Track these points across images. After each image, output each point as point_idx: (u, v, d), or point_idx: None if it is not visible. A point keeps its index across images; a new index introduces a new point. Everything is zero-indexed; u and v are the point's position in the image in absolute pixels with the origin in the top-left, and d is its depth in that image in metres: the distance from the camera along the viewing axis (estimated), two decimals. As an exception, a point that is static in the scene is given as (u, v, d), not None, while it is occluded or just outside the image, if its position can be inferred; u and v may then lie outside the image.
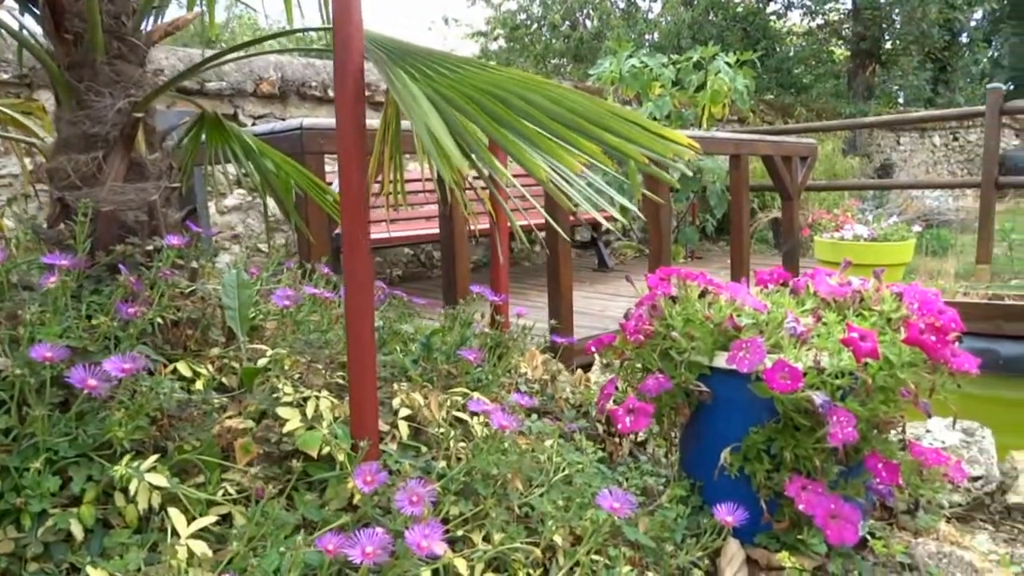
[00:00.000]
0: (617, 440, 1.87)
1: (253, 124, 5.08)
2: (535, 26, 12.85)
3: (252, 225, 5.38)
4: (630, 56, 6.96)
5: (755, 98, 9.72)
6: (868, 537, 1.63)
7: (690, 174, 6.20)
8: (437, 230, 4.03)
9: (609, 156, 1.10)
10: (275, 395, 1.40)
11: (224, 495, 1.22)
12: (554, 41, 12.49)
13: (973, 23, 16.97)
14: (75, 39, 1.58)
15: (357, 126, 1.22)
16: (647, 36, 11.51)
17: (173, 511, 1.10)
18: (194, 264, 1.74)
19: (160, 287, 1.47)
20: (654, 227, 4.09)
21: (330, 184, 2.55)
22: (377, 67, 1.20)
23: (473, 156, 1.02)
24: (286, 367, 1.50)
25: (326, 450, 1.26)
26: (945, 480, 1.56)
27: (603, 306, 4.74)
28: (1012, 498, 2.00)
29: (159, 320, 1.46)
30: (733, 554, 1.47)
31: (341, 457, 1.26)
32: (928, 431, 2.14)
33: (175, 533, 1.08)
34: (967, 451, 2.08)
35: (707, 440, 1.66)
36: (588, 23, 12.43)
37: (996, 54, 18.21)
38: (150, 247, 1.56)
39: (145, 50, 1.71)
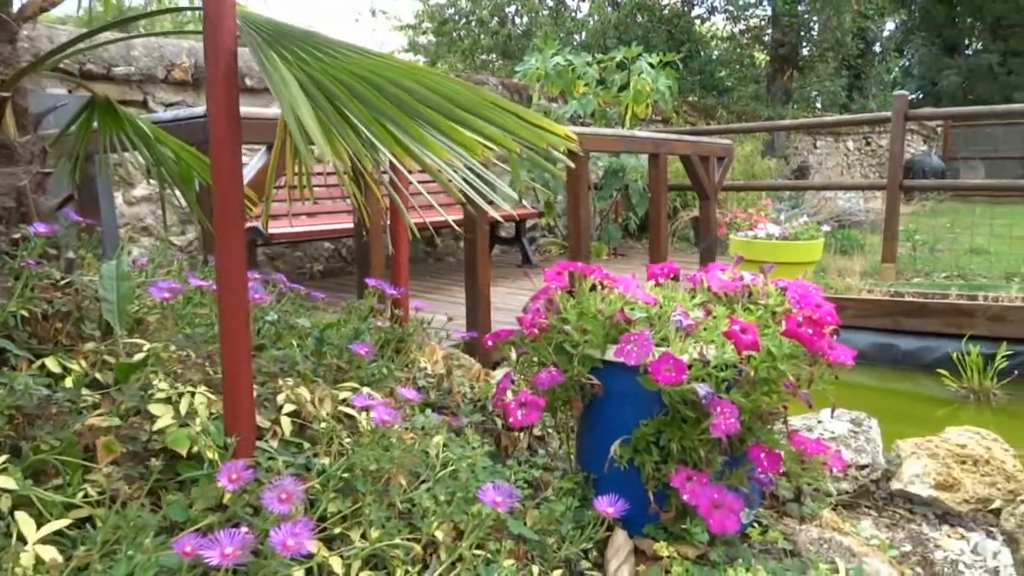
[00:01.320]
0: (516, 434, 1.87)
1: (165, 112, 4.89)
2: (463, 21, 12.81)
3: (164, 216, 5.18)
4: (555, 54, 7.00)
5: (679, 99, 9.91)
6: (756, 525, 1.66)
7: (572, 165, 6.29)
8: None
9: (486, 146, 1.09)
10: (150, 391, 1.34)
11: (85, 497, 1.16)
12: (483, 37, 12.48)
13: (886, 33, 17.74)
14: (-66, 12, 1.48)
15: (229, 112, 1.18)
16: (575, 35, 11.60)
17: (21, 515, 1.04)
18: (70, 254, 1.66)
19: (25, 278, 1.39)
20: (573, 224, 4.12)
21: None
22: (250, 50, 1.16)
23: (344, 144, 0.99)
24: (165, 362, 1.44)
25: (197, 448, 1.21)
26: (824, 468, 1.61)
27: (524, 302, 4.74)
28: (895, 485, 2.08)
29: (24, 313, 1.38)
30: (620, 545, 1.48)
31: (212, 455, 1.21)
32: (819, 421, 2.21)
33: (22, 538, 1.02)
34: (855, 440, 2.15)
35: (600, 433, 1.67)
36: (517, 20, 12.46)
37: (907, 63, 19.09)
38: (17, 235, 1.48)
39: (15, 27, 1.61)
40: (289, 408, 1.45)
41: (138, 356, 1.45)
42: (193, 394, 1.33)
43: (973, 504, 1.99)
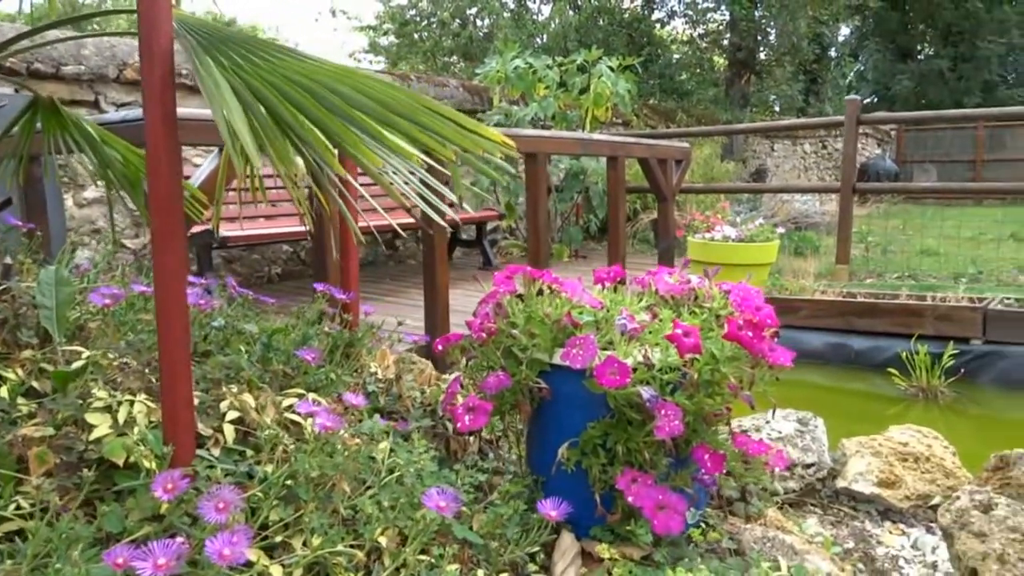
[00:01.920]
0: (465, 438, 1.87)
1: (117, 112, 4.80)
2: (425, 23, 12.77)
3: (116, 220, 5.08)
4: (516, 57, 7.02)
5: (639, 102, 10.01)
6: (702, 525, 1.69)
7: (511, 169, 6.32)
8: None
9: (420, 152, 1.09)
10: (88, 400, 1.32)
11: (17, 509, 1.14)
12: (444, 39, 12.45)
13: (841, 39, 18.12)
14: None
15: (166, 115, 1.16)
16: (536, 38, 11.64)
17: (-56, 529, 1.01)
18: (7, 259, 1.62)
19: (-44, 285, 1.36)
20: (532, 226, 4.13)
21: (187, 178, 2.44)
22: (185, 54, 1.15)
23: (271, 150, 0.98)
24: (105, 370, 1.41)
25: (133, 458, 1.19)
26: (767, 468, 1.64)
27: (482, 304, 4.74)
28: (840, 483, 2.13)
29: (-47, 321, 1.35)
30: (566, 548, 1.49)
31: (150, 464, 1.19)
32: (767, 422, 2.25)
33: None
34: (801, 440, 2.19)
35: (548, 436, 1.68)
36: (479, 22, 12.47)
37: (862, 68, 19.52)
38: (-53, 241, 1.44)
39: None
40: (233, 415, 1.43)
41: (77, 364, 1.42)
42: (132, 402, 1.31)
43: (914, 500, 2.04)
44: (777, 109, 14.54)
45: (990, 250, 6.89)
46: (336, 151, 1.16)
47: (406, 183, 1.23)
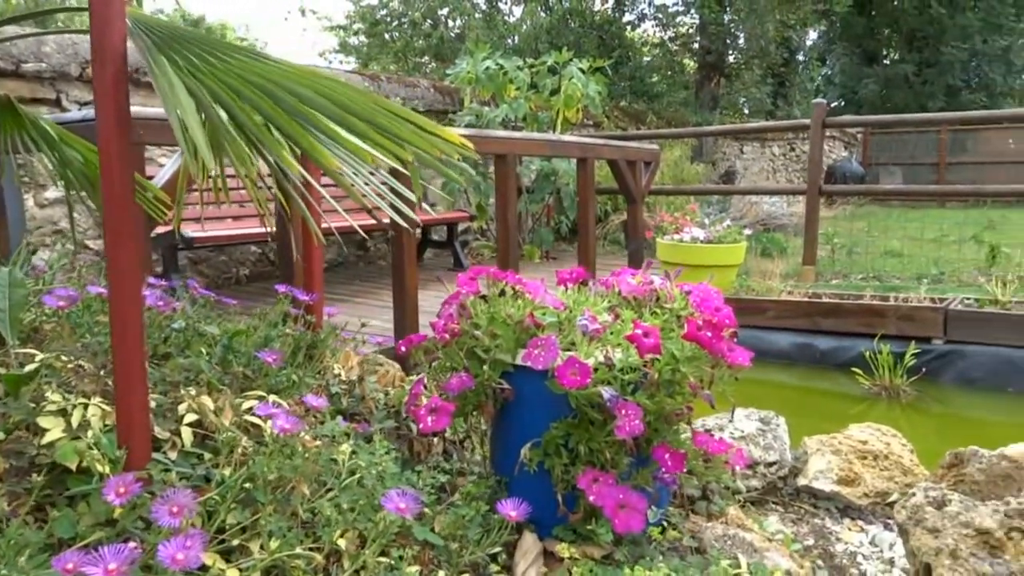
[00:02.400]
0: (429, 440, 1.87)
1: (79, 111, 4.72)
2: (395, 23, 12.72)
3: (79, 220, 5.00)
4: (487, 58, 7.03)
5: (610, 104, 10.06)
6: (665, 524, 1.70)
7: (471, 171, 6.33)
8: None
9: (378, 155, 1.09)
10: (42, 403, 1.30)
11: (-36, 515, 1.11)
12: (415, 39, 12.42)
13: (809, 43, 18.38)
14: None
15: (119, 115, 1.15)
16: (507, 39, 11.66)
17: None
18: (-41, 261, 1.59)
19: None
20: (502, 227, 4.14)
21: (151, 178, 2.41)
22: (139, 53, 1.13)
23: (229, 151, 0.98)
24: (59, 372, 1.39)
25: (87, 462, 1.18)
26: (727, 467, 1.66)
27: (452, 306, 4.73)
28: (801, 481, 2.16)
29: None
30: (528, 548, 1.50)
31: (103, 468, 1.17)
32: (730, 421, 2.28)
33: None
34: (763, 439, 2.22)
35: (512, 437, 1.69)
36: (450, 23, 12.45)
37: (829, 72, 19.82)
38: None
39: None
40: (191, 418, 1.42)
41: (30, 367, 1.40)
42: (86, 406, 1.29)
43: (872, 498, 2.08)
44: (746, 112, 14.70)
45: (952, 251, 7.03)
46: (295, 152, 1.16)
47: (367, 184, 1.23)
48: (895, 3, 17.21)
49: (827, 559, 1.84)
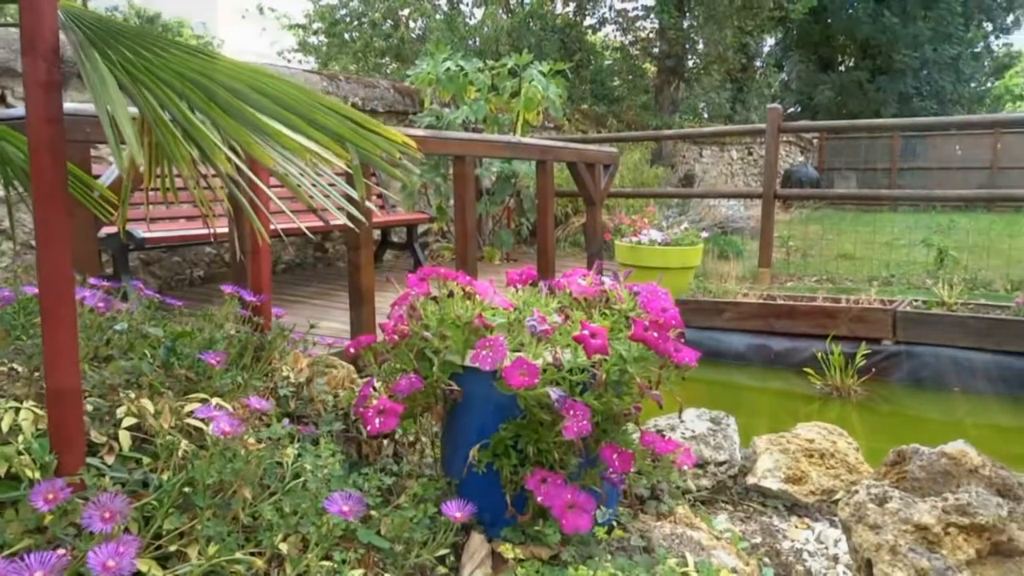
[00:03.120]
0: (379, 441, 1.85)
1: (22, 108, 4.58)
2: (355, 22, 12.61)
3: (24, 220, 4.86)
4: (447, 59, 7.01)
5: (571, 107, 10.11)
6: (613, 524, 1.71)
7: (415, 170, 6.33)
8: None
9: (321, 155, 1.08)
10: (-29, 408, 1.25)
11: None
12: (375, 40, 12.33)
13: (767, 49, 18.70)
14: None
15: (49, 112, 1.12)
16: (468, 41, 11.64)
17: None
18: None
19: None
20: (460, 229, 4.13)
21: (97, 177, 2.35)
22: (71, 47, 1.10)
23: (165, 147, 0.95)
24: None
25: (15, 467, 1.14)
26: (675, 466, 1.67)
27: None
28: (750, 479, 2.19)
29: None
30: (475, 549, 1.49)
31: (34, 474, 1.14)
32: (682, 421, 2.30)
33: None
34: (713, 438, 2.25)
35: (462, 438, 1.68)
36: (411, 23, 12.39)
37: (786, 78, 20.18)
38: None
39: None
40: (130, 422, 1.39)
41: (-41, 370, 1.36)
42: (18, 410, 1.25)
43: (819, 495, 2.11)
44: (706, 116, 14.89)
45: (902, 254, 7.21)
46: (236, 150, 1.14)
47: (314, 185, 1.21)
48: (850, 12, 17.60)
49: (774, 556, 1.86)
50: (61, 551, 0.99)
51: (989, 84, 22.49)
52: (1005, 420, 4.12)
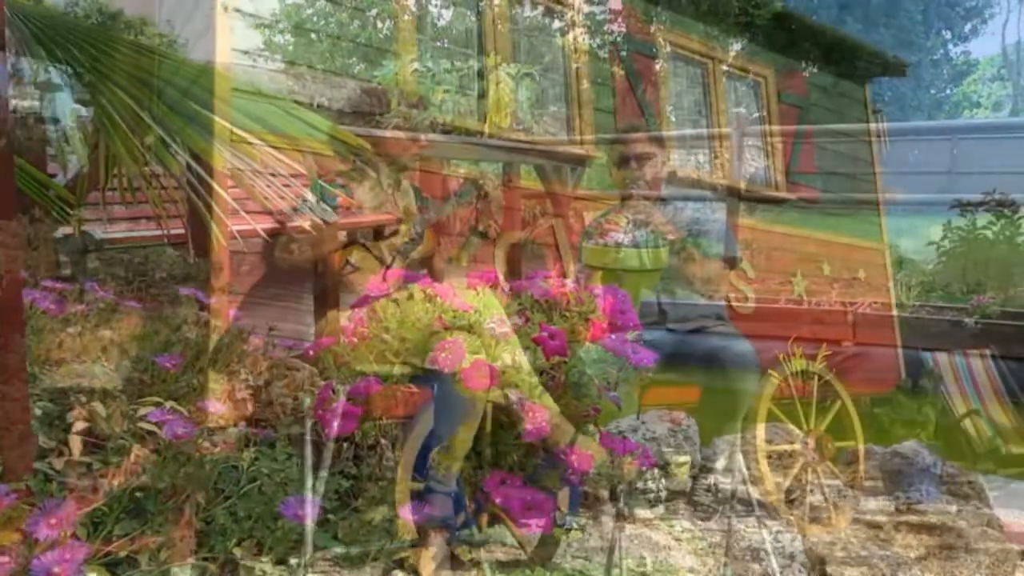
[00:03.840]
0: (339, 444, 1.83)
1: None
2: (323, 22, 12.52)
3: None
4: (414, 60, 6.98)
5: (539, 110, 10.13)
6: (573, 525, 1.72)
7: (373, 172, 6.32)
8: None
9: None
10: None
11: None
12: (342, 40, 12.25)
13: (733, 54, 18.93)
14: None
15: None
16: (437, 42, 11.62)
17: None
18: None
19: None
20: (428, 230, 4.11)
21: (54, 177, 2.30)
22: (17, 44, 1.08)
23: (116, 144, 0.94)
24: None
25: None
26: (634, 466, 1.68)
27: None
28: (710, 480, 2.21)
29: None
30: (434, 552, 1.49)
31: (-22, 480, 1.11)
32: (643, 423, 2.32)
33: None
34: (675, 439, 2.27)
35: (424, 439, 1.68)
36: (379, 24, 12.34)
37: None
38: None
39: None
40: (81, 426, 1.36)
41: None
42: (-38, 414, 1.22)
43: (776, 495, 2.14)
44: (673, 120, 15.03)
45: (864, 257, 7.33)
46: (189, 149, 1.13)
47: (268, 186, 1.20)
48: (813, 18, 17.91)
49: (731, 555, 1.88)
50: (4, 558, 0.97)
51: (948, 91, 23.00)
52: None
